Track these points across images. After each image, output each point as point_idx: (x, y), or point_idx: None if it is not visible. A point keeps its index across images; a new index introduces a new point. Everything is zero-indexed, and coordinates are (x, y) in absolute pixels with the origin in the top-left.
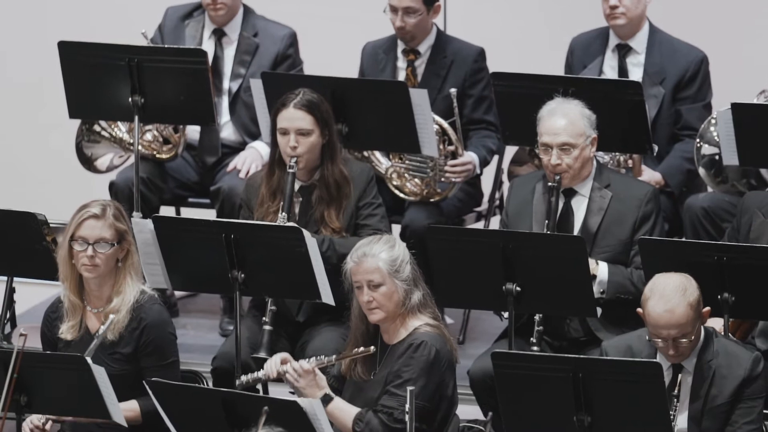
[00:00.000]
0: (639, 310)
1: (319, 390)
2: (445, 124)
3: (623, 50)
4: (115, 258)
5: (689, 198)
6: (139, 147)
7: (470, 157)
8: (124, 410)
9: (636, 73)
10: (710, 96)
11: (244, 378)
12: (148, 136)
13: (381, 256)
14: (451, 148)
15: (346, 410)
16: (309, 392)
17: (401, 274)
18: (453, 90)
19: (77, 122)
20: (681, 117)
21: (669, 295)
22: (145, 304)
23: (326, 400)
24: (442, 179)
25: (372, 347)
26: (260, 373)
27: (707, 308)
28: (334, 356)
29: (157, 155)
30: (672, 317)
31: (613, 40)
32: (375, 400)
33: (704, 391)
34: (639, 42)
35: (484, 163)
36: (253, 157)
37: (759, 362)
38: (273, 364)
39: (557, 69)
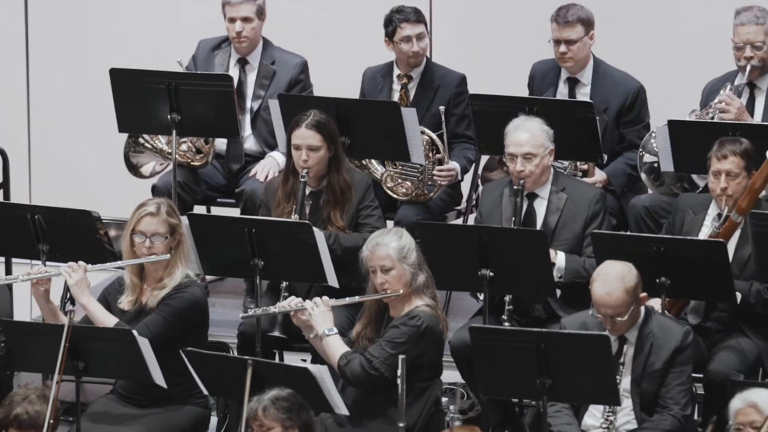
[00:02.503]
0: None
1: (328, 323)
2: (434, 136)
3: (573, 83)
4: (169, 247)
5: (633, 198)
6: (176, 156)
7: (454, 164)
8: (104, 313)
9: None
10: (648, 117)
11: (255, 310)
12: (184, 147)
13: (391, 245)
14: (439, 156)
15: (339, 348)
16: (319, 320)
17: (408, 260)
18: (441, 107)
19: (124, 135)
20: (624, 138)
21: (609, 280)
22: (188, 284)
23: (330, 332)
24: (429, 182)
25: (401, 290)
26: (272, 308)
27: (644, 294)
28: (357, 297)
29: (191, 163)
30: (610, 299)
31: (564, 74)
32: None
33: (643, 359)
34: (586, 75)
35: (464, 170)
36: (271, 165)
37: (689, 334)
38: (292, 298)
39: (526, 90)
